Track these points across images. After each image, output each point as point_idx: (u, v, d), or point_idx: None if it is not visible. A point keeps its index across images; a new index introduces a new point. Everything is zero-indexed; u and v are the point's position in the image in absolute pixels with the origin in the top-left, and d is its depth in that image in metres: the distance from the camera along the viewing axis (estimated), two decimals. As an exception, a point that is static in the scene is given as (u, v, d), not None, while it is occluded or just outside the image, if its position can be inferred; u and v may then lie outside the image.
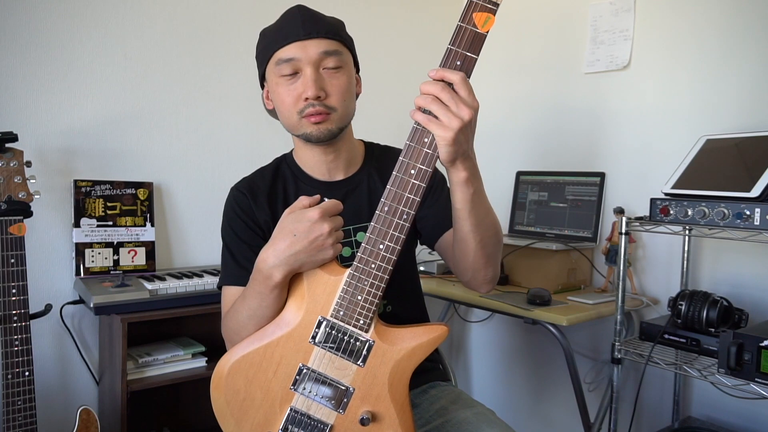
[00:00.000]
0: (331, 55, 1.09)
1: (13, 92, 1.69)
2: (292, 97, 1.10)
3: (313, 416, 0.95)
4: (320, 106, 1.08)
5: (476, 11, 0.83)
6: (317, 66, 1.08)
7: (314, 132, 1.11)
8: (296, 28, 1.08)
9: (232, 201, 1.20)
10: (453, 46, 0.86)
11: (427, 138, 0.88)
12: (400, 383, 0.94)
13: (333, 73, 1.10)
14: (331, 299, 0.94)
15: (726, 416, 1.80)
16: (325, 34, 1.09)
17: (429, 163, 0.88)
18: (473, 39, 0.84)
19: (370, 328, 0.93)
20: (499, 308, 1.85)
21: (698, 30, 1.88)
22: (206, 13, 2.01)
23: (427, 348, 0.95)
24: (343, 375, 0.94)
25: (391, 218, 0.90)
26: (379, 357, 0.93)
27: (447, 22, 2.65)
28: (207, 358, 1.76)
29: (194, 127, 2.01)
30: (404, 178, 0.89)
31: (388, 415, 0.94)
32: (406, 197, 0.90)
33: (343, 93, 1.11)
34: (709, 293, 1.55)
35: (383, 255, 0.91)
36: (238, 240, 1.16)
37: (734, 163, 1.55)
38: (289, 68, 1.09)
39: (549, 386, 2.32)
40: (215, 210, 1.26)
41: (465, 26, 0.85)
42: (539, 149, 2.36)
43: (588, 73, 2.17)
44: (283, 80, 1.10)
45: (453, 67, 0.86)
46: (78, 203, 1.76)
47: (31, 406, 1.41)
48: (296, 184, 1.22)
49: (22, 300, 1.40)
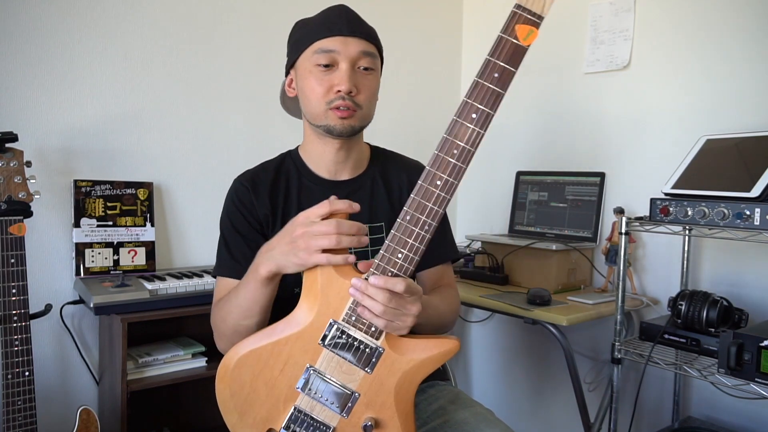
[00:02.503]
0: (368, 56, 1.13)
1: (13, 92, 1.69)
2: (323, 87, 1.12)
3: (316, 417, 0.95)
4: (350, 101, 1.11)
5: (519, 23, 0.79)
6: (354, 63, 1.12)
7: (338, 126, 1.13)
8: (341, 23, 1.12)
9: (234, 193, 1.21)
10: (492, 57, 0.82)
11: (456, 150, 0.86)
12: (407, 394, 0.94)
13: (366, 74, 1.14)
14: (344, 303, 0.92)
15: (726, 416, 1.80)
16: (367, 36, 1.14)
17: (456, 176, 0.87)
18: (514, 51, 0.80)
19: (381, 335, 0.92)
20: (499, 308, 1.85)
21: (698, 30, 1.88)
22: (206, 13, 2.00)
23: (438, 361, 0.94)
24: (350, 379, 0.93)
25: (412, 228, 0.88)
26: (388, 366, 0.93)
27: (447, 23, 2.65)
28: (207, 358, 1.76)
29: (194, 127, 2.00)
30: (429, 188, 0.88)
31: (391, 424, 0.94)
32: (429, 208, 0.88)
33: (372, 94, 1.16)
34: (709, 293, 1.55)
35: (401, 264, 0.90)
36: (234, 232, 1.18)
37: (734, 163, 1.55)
38: (327, 59, 1.11)
39: (549, 386, 2.32)
40: (215, 210, 1.26)
41: (506, 38, 0.81)
42: (539, 149, 2.36)
43: (588, 73, 2.17)
44: (317, 69, 1.12)
45: (490, 80, 0.83)
46: (78, 203, 1.76)
47: (31, 406, 1.41)
48: (299, 180, 1.22)
49: (22, 300, 1.40)
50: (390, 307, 0.88)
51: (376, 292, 0.88)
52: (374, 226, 1.20)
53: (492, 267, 2.14)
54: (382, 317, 0.89)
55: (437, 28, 2.62)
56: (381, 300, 0.88)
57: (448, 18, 2.65)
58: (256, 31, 2.08)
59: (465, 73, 2.70)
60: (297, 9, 1.34)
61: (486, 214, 2.56)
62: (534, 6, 0.78)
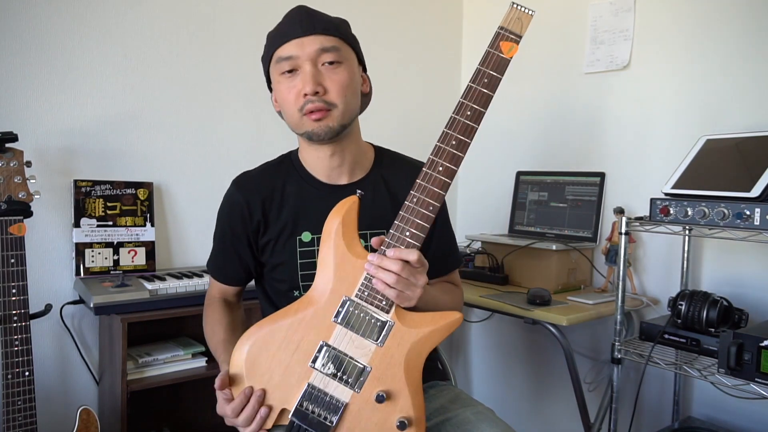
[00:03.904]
0: (328, 51, 1.10)
1: (13, 92, 1.69)
2: (292, 94, 1.11)
3: (330, 393, 0.97)
4: (319, 101, 1.09)
5: (503, 40, 0.97)
6: (315, 62, 1.10)
7: (315, 129, 1.11)
8: (294, 26, 1.10)
9: (227, 200, 1.23)
10: (482, 66, 0.97)
11: (454, 141, 0.98)
12: (416, 366, 0.98)
13: (332, 69, 1.11)
14: (357, 280, 0.99)
15: (726, 416, 1.80)
16: (323, 30, 1.10)
17: (456, 162, 0.98)
18: (499, 62, 0.97)
19: (390, 309, 0.98)
20: (499, 308, 1.85)
21: (698, 30, 1.88)
22: (206, 13, 2.01)
23: (444, 332, 0.99)
24: (362, 354, 0.97)
25: (418, 209, 0.98)
26: (398, 338, 0.98)
27: (447, 22, 2.65)
28: (207, 358, 1.76)
29: (194, 127, 2.00)
30: (432, 173, 0.98)
31: (402, 396, 0.97)
32: (433, 190, 0.98)
33: (344, 88, 1.11)
34: (709, 293, 1.55)
35: (409, 241, 0.98)
36: (221, 238, 1.23)
37: (734, 163, 1.55)
38: (289, 65, 1.10)
39: (549, 386, 2.32)
40: (215, 210, 1.26)
41: (493, 51, 0.97)
42: (539, 149, 2.36)
43: (588, 73, 2.17)
44: (283, 78, 1.12)
45: (481, 84, 0.97)
46: (78, 203, 1.76)
47: (31, 406, 1.41)
48: (299, 184, 1.22)
49: (22, 300, 1.40)
50: (402, 277, 0.95)
51: (390, 264, 0.95)
52: (375, 233, 1.18)
53: (492, 267, 2.14)
54: (394, 287, 0.96)
55: (437, 28, 2.62)
56: (395, 269, 0.95)
57: (448, 18, 2.65)
58: (257, 30, 2.07)
59: (465, 74, 2.70)
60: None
61: (486, 214, 2.56)
62: (514, 27, 0.96)
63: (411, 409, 0.96)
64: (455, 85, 2.69)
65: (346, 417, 0.97)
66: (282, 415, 0.99)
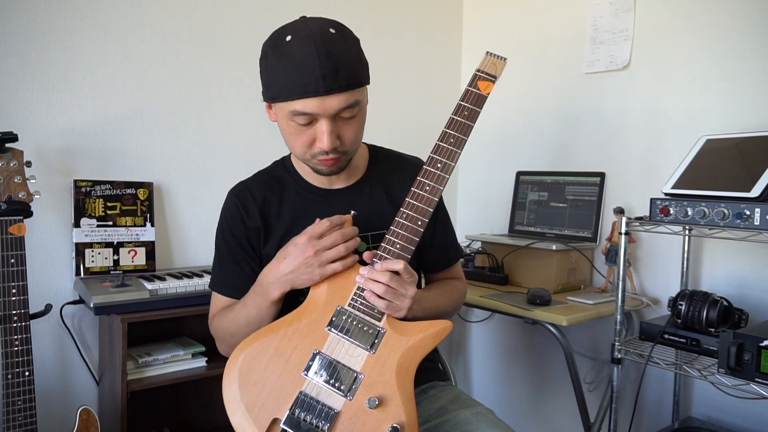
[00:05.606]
0: (349, 107, 1.04)
1: (13, 92, 1.69)
2: (304, 140, 1.07)
3: (322, 401, 0.97)
4: (334, 153, 1.07)
5: (480, 80, 1.09)
6: (334, 118, 1.05)
7: (324, 170, 1.13)
8: (315, 80, 1.00)
9: (225, 210, 1.22)
10: (462, 101, 1.08)
11: (440, 164, 1.08)
12: (408, 372, 1.00)
13: (349, 121, 1.07)
14: (350, 290, 1.04)
15: (726, 416, 1.80)
16: (347, 87, 1.02)
17: (445, 174, 1.07)
18: (477, 98, 1.08)
19: (382, 317, 1.02)
20: (499, 308, 1.85)
21: (698, 30, 1.88)
22: (206, 13, 2.00)
23: (434, 339, 1.02)
24: (354, 361, 0.99)
25: (407, 223, 1.05)
26: (390, 345, 1.00)
27: (447, 22, 2.65)
28: (207, 358, 1.76)
29: (194, 127, 2.00)
30: (420, 192, 1.06)
31: (394, 402, 0.97)
32: (424, 201, 1.06)
33: (357, 137, 1.10)
34: (709, 293, 1.55)
35: (398, 253, 1.04)
36: (224, 251, 1.21)
37: (734, 163, 1.55)
38: (305, 120, 1.04)
39: (549, 386, 2.32)
40: (215, 210, 1.26)
41: (472, 89, 1.09)
42: (539, 149, 2.36)
43: (588, 73, 2.17)
44: (295, 123, 1.06)
45: (462, 116, 1.07)
46: (78, 203, 1.76)
47: (31, 406, 1.41)
48: (295, 190, 1.21)
49: (22, 300, 1.40)
50: (391, 287, 1.00)
51: (379, 275, 1.01)
52: (376, 234, 1.18)
53: (492, 267, 2.14)
54: (384, 297, 1.00)
55: (437, 28, 2.62)
56: (384, 280, 1.00)
57: (448, 18, 2.65)
58: (257, 30, 2.07)
59: (465, 74, 2.70)
60: (297, 9, 1.34)
61: (486, 214, 2.56)
62: (490, 70, 1.09)
63: (403, 415, 0.96)
64: (455, 85, 2.69)
65: (339, 424, 0.96)
66: (275, 424, 0.98)
